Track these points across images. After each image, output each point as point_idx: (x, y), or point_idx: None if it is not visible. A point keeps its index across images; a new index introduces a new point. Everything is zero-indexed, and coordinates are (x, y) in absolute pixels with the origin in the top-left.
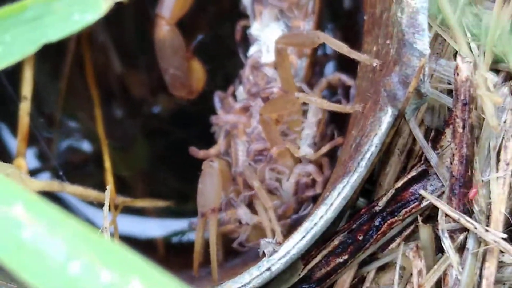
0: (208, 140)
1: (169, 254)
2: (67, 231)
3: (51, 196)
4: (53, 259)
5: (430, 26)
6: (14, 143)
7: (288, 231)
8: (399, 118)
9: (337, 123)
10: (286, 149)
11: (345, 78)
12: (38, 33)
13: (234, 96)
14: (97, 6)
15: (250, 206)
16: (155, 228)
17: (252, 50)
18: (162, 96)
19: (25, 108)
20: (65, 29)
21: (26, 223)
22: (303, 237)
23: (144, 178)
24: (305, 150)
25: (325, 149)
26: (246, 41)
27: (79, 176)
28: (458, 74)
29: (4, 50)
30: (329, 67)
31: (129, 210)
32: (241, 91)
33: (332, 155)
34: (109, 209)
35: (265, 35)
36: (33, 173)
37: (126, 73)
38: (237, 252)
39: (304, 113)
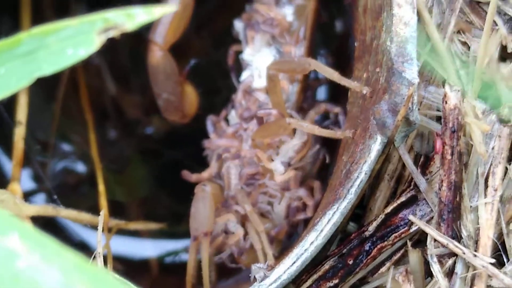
0: (203, 161)
1: (163, 274)
2: (62, 261)
3: (46, 219)
4: None
5: (419, 54)
6: (9, 166)
7: (281, 253)
8: (389, 146)
9: (328, 147)
10: None
11: (330, 107)
12: (32, 66)
13: (226, 120)
14: (90, 42)
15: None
16: (149, 249)
17: (244, 75)
18: (156, 118)
19: (19, 133)
20: (58, 63)
21: (21, 253)
22: (294, 262)
23: (138, 199)
24: (276, 165)
25: (291, 172)
26: (239, 65)
27: (74, 197)
28: (446, 102)
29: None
30: (321, 92)
31: (123, 231)
32: (233, 115)
33: (323, 179)
34: (103, 231)
35: (257, 60)
36: (28, 194)
37: (120, 95)
38: (230, 273)
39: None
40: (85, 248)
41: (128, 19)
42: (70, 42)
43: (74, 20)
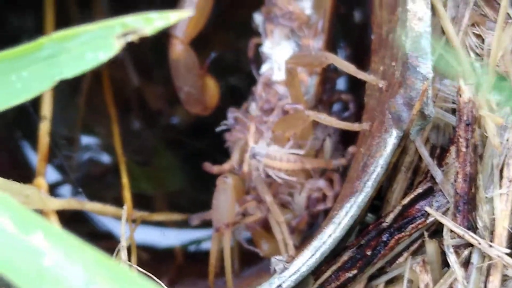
0: (227, 151)
1: (188, 262)
2: (85, 258)
3: (73, 210)
4: (73, 285)
5: (433, 48)
6: (35, 159)
7: (302, 243)
8: (404, 139)
9: (347, 139)
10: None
11: (342, 95)
12: (54, 70)
13: (247, 112)
14: (109, 46)
15: (264, 220)
16: (173, 238)
17: (264, 68)
18: (179, 108)
19: (44, 128)
20: (79, 67)
21: (46, 251)
22: (313, 255)
23: (162, 189)
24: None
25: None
26: (259, 58)
27: (99, 188)
28: (460, 95)
29: (22, 86)
30: (340, 84)
31: (148, 221)
32: (253, 108)
33: (343, 171)
34: (127, 223)
35: (276, 54)
36: (54, 186)
37: (144, 86)
38: (252, 262)
39: (315, 136)
40: (111, 238)
41: (146, 24)
42: (90, 47)
43: (93, 25)
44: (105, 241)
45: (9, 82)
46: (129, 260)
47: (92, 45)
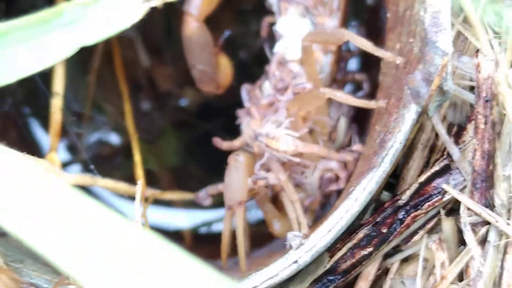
0: (235, 132)
1: (197, 244)
2: None
3: (84, 189)
4: None
5: (452, 24)
6: (45, 138)
7: (314, 222)
8: (422, 115)
9: (360, 118)
10: (311, 144)
11: (356, 75)
12: (75, 36)
13: (260, 90)
14: (132, 12)
15: (275, 200)
16: (182, 219)
17: (277, 47)
18: (189, 89)
19: (57, 104)
20: (100, 33)
21: None
22: (329, 230)
23: (171, 170)
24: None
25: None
26: (272, 37)
27: (109, 168)
28: (480, 71)
29: (42, 53)
30: (354, 63)
31: (157, 202)
32: (267, 86)
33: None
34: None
35: (291, 32)
36: (64, 165)
37: (154, 67)
38: (263, 242)
39: (329, 115)
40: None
41: None
42: (113, 12)
43: None
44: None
45: (30, 49)
46: None
47: (115, 10)
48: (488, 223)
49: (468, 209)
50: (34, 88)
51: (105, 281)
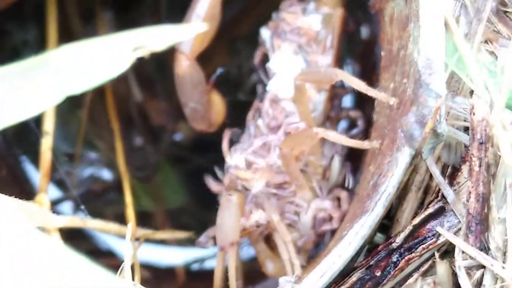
0: None
1: (190, 281)
2: None
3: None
4: None
5: (446, 65)
6: (36, 175)
7: (308, 262)
8: (416, 158)
9: (354, 156)
10: (305, 183)
11: (350, 112)
12: (62, 85)
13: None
14: (119, 61)
15: (268, 239)
16: (176, 256)
17: (271, 84)
18: (183, 124)
19: (47, 143)
20: (87, 82)
21: None
22: (322, 275)
23: (165, 206)
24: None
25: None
26: (266, 69)
27: (100, 205)
28: (474, 114)
29: (28, 101)
30: (348, 100)
31: (150, 239)
32: (260, 124)
33: (351, 189)
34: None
35: (284, 70)
36: (55, 203)
37: (147, 101)
38: (256, 281)
39: (323, 153)
40: (112, 256)
41: (158, 39)
42: (100, 61)
43: (103, 39)
44: (106, 258)
45: (16, 97)
46: (133, 279)
47: (103, 59)
48: (483, 266)
49: (463, 252)
50: (25, 127)
51: None
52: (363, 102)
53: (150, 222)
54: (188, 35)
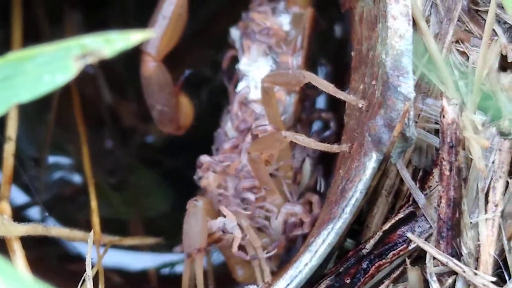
0: None
1: (162, 285)
2: None
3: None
4: None
5: (416, 66)
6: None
7: (279, 267)
8: (385, 162)
9: (326, 159)
10: (275, 188)
11: (322, 113)
12: (9, 93)
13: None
14: (67, 68)
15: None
16: (147, 261)
17: (240, 86)
18: (153, 126)
19: (9, 149)
20: (36, 90)
21: None
22: (288, 284)
23: (136, 212)
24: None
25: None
26: (234, 72)
27: (70, 209)
28: (444, 116)
29: None
30: (319, 102)
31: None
32: (229, 127)
33: (323, 193)
34: (96, 245)
35: (253, 71)
36: (21, 208)
37: (116, 103)
38: (230, 285)
39: (294, 156)
40: (82, 261)
41: (106, 45)
42: (47, 69)
43: (50, 46)
44: (76, 263)
45: None
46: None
47: (50, 67)
48: (455, 273)
49: (434, 258)
50: None
51: None
52: (337, 103)
53: (123, 228)
54: (138, 41)
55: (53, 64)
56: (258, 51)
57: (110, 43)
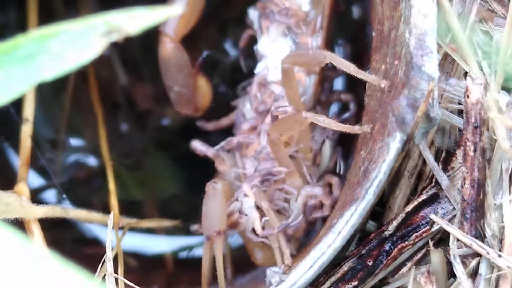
0: None
1: (178, 269)
2: None
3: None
4: None
5: (439, 46)
6: (18, 161)
7: (298, 250)
8: (408, 143)
9: (346, 141)
10: (294, 170)
11: (341, 95)
12: (32, 71)
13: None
14: (92, 46)
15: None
16: (164, 244)
17: (259, 67)
18: (170, 109)
19: (26, 130)
20: (59, 68)
21: None
22: (311, 266)
23: (152, 192)
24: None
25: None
26: (251, 53)
27: (87, 192)
28: (468, 96)
29: None
30: (338, 83)
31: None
32: (248, 109)
33: (342, 175)
34: (114, 230)
35: (272, 52)
36: (38, 191)
37: (132, 85)
38: (246, 270)
39: (313, 138)
40: (98, 244)
41: (132, 22)
42: (71, 46)
43: (75, 23)
44: (91, 247)
45: None
46: (116, 270)
47: (74, 44)
48: (479, 255)
49: (458, 240)
50: (6, 113)
51: None
52: (355, 85)
53: (138, 210)
54: (163, 17)
55: (78, 42)
56: (277, 32)
57: (135, 20)
